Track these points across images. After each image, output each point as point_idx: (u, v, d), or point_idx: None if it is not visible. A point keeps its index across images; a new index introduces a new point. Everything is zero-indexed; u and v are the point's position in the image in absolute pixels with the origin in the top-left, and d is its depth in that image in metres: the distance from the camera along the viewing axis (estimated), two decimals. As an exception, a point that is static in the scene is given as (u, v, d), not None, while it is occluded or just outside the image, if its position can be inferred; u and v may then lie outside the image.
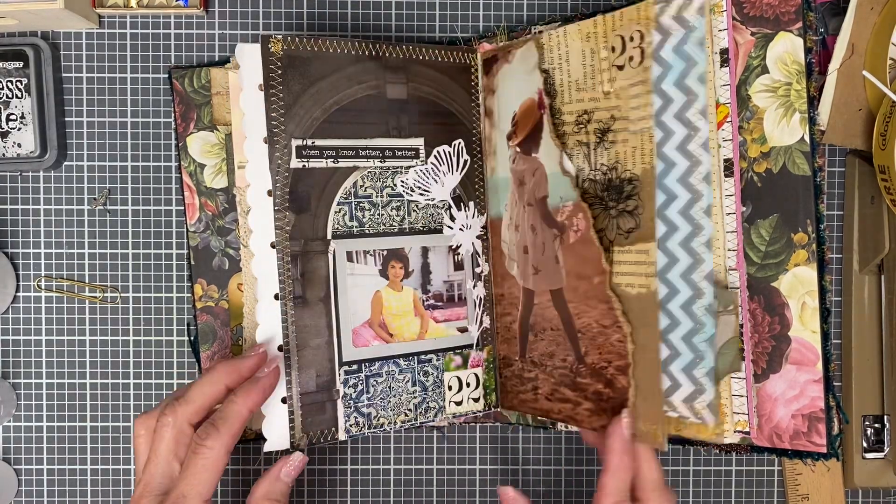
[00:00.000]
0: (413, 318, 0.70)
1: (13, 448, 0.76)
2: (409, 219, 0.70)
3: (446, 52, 0.71)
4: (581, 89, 0.65)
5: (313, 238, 0.67)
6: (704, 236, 0.61)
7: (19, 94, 0.73)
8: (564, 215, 0.67)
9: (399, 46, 0.69)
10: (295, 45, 0.65)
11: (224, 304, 0.73)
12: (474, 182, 0.72)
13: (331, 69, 0.67)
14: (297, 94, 0.66)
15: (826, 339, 0.61)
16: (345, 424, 0.67)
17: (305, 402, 0.66)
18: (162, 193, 0.76)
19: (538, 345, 0.70)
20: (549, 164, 0.68)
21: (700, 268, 0.60)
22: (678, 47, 0.60)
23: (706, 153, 0.60)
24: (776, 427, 0.63)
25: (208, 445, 0.60)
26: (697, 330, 0.60)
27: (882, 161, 0.69)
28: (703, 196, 0.60)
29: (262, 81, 0.65)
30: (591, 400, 0.65)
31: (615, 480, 0.60)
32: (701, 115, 0.60)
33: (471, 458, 0.78)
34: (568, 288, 0.67)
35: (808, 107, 0.60)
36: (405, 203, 0.70)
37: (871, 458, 0.75)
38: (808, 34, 0.59)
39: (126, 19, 0.76)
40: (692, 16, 0.60)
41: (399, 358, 0.70)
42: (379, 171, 0.69)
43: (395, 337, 0.70)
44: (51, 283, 0.76)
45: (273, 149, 0.65)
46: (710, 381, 0.60)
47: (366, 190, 0.69)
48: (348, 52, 0.67)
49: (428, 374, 0.71)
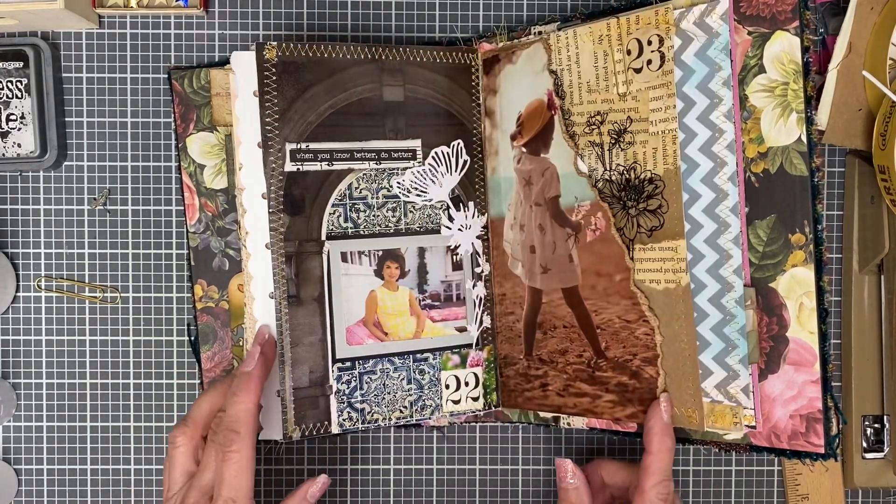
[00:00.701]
0: (409, 317, 0.71)
1: (13, 448, 0.77)
2: (406, 220, 0.71)
3: (446, 53, 0.71)
4: (593, 91, 0.66)
5: (307, 239, 0.68)
6: (732, 233, 0.62)
7: (19, 94, 0.73)
8: (580, 214, 0.67)
9: (396, 49, 0.70)
10: (290, 52, 0.66)
11: (224, 304, 0.73)
12: (474, 182, 0.73)
13: (326, 73, 0.68)
14: (292, 99, 0.67)
15: (824, 339, 0.61)
16: (338, 419, 0.69)
17: (298, 396, 0.67)
18: (162, 193, 0.76)
19: (548, 342, 0.70)
20: (562, 164, 0.68)
21: (728, 262, 0.62)
22: (701, 52, 0.61)
23: (731, 154, 0.61)
24: (774, 427, 0.63)
25: (235, 449, 0.62)
26: (728, 321, 0.62)
27: (882, 161, 0.69)
28: (730, 195, 0.62)
29: (257, 88, 0.66)
30: (615, 392, 0.67)
31: (657, 461, 0.62)
32: (726, 118, 0.61)
33: (471, 458, 0.78)
34: (584, 286, 0.68)
35: (806, 106, 0.60)
36: (401, 204, 0.71)
37: (871, 458, 0.75)
38: (805, 33, 0.59)
39: (126, 19, 0.76)
40: (715, 22, 0.61)
41: (394, 356, 0.71)
42: (374, 173, 0.70)
43: (389, 336, 0.71)
44: (51, 283, 0.76)
45: (267, 153, 0.67)
46: (745, 367, 0.62)
47: (361, 192, 0.70)
48: (344, 56, 0.68)
49: (424, 372, 0.71)
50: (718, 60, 0.61)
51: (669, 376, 0.64)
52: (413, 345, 0.71)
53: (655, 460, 0.62)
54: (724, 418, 0.63)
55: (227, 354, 0.73)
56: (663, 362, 0.64)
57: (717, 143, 0.61)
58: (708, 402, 0.63)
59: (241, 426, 0.62)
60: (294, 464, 0.78)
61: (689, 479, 0.77)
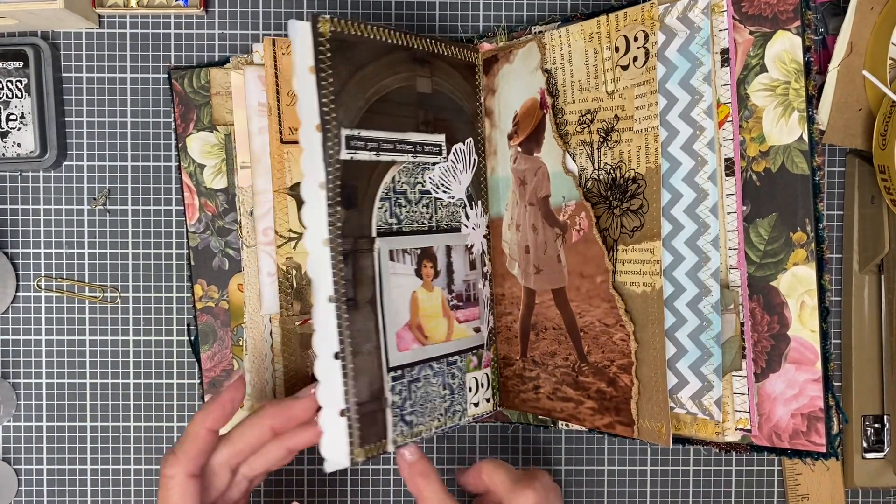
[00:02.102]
0: (441, 318, 0.67)
1: (13, 448, 0.76)
2: (436, 216, 0.67)
3: (458, 49, 0.70)
4: (584, 89, 0.66)
5: (360, 235, 0.62)
6: (710, 234, 0.61)
7: (19, 94, 0.73)
8: (567, 214, 0.67)
9: (423, 39, 0.66)
10: (341, 27, 0.61)
11: (224, 304, 0.73)
12: (480, 181, 0.72)
13: (372, 55, 0.63)
14: (345, 79, 0.61)
15: (825, 338, 0.61)
16: (392, 435, 0.62)
17: (361, 412, 0.60)
18: (162, 193, 0.76)
19: (539, 344, 0.70)
20: (552, 163, 0.68)
21: (706, 266, 0.61)
22: (683, 48, 0.61)
23: (712, 152, 0.61)
24: (775, 426, 0.63)
25: (168, 474, 0.59)
26: (704, 327, 0.61)
27: (882, 161, 0.69)
28: (709, 195, 0.61)
29: (313, 63, 0.59)
30: (595, 399, 0.65)
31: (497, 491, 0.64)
32: (706, 115, 0.61)
33: (471, 458, 0.78)
34: (570, 287, 0.67)
35: (807, 106, 0.60)
36: (433, 201, 0.67)
37: (871, 458, 0.75)
38: (807, 33, 0.59)
39: (126, 19, 0.76)
40: (697, 17, 0.60)
41: (433, 361, 0.66)
42: (412, 167, 0.65)
43: (428, 339, 0.66)
44: (51, 283, 0.76)
45: (325, 137, 0.59)
46: (718, 378, 0.61)
47: (402, 186, 0.65)
48: (384, 40, 0.64)
49: (454, 376, 0.68)
50: (700, 56, 0.61)
51: (643, 385, 0.62)
52: (446, 348, 0.67)
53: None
54: (706, 428, 0.63)
55: (226, 354, 0.73)
56: (638, 370, 0.62)
57: (698, 141, 0.61)
58: (683, 414, 0.63)
59: (179, 447, 0.60)
60: (294, 463, 0.77)
61: (689, 479, 0.77)
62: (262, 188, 0.69)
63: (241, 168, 0.71)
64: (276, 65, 0.67)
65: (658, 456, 0.77)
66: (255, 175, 0.70)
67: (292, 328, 0.69)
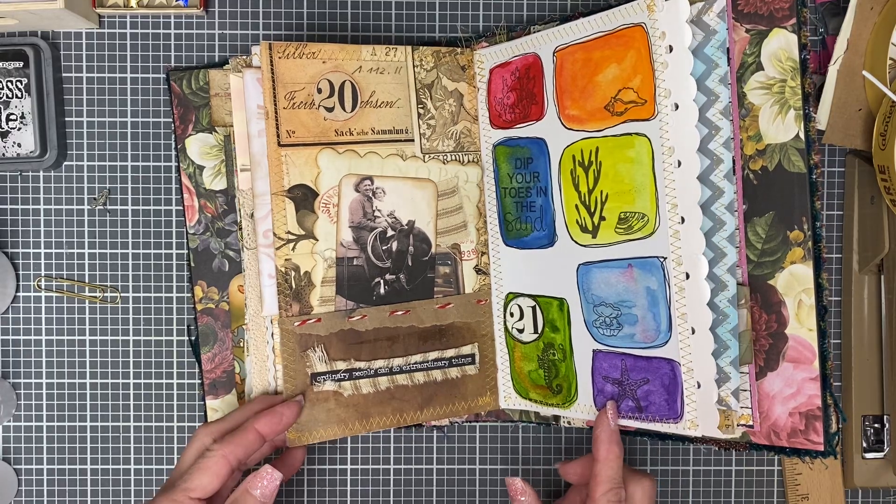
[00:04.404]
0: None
1: (13, 448, 0.77)
2: None
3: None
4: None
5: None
6: (727, 231, 0.62)
7: (19, 94, 0.73)
8: None
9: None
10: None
11: (224, 305, 0.73)
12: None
13: None
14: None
15: (823, 336, 0.61)
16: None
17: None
18: (162, 193, 0.76)
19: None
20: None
21: (723, 261, 0.62)
22: (698, 50, 0.61)
23: (728, 151, 0.61)
24: (774, 425, 0.62)
25: (210, 448, 0.62)
26: (721, 321, 0.62)
27: (882, 161, 0.69)
28: (725, 192, 0.61)
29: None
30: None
31: (606, 469, 0.63)
32: (722, 115, 0.61)
33: (471, 457, 0.78)
34: None
35: (804, 104, 0.60)
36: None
37: (871, 458, 0.75)
38: (803, 30, 0.59)
39: (126, 19, 0.76)
40: (712, 20, 0.61)
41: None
42: None
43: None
44: (51, 283, 0.76)
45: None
46: (735, 370, 0.62)
47: None
48: None
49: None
50: (715, 58, 0.61)
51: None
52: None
53: (604, 468, 0.63)
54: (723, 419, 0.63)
55: (227, 356, 0.73)
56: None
57: (714, 141, 0.61)
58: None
59: (231, 435, 0.64)
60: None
61: (689, 479, 0.77)
62: (262, 191, 0.69)
63: (241, 170, 0.71)
64: (272, 69, 0.67)
65: (658, 455, 0.77)
66: (255, 178, 0.70)
67: (291, 329, 0.69)
